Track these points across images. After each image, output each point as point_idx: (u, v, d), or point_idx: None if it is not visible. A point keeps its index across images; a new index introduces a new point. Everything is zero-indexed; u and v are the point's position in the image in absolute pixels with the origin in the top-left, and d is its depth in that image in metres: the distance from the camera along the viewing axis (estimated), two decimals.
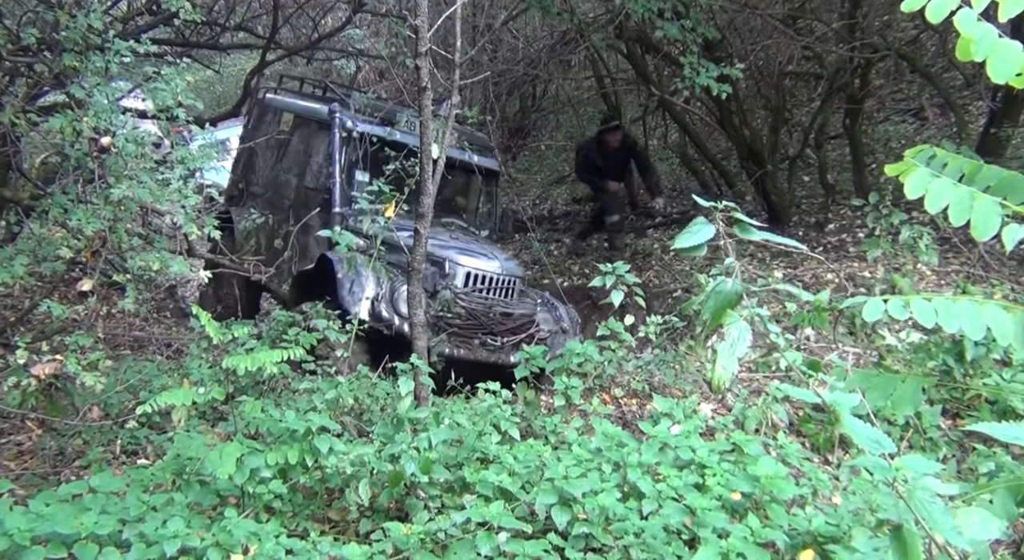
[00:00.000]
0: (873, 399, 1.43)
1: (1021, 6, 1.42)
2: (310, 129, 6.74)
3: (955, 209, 1.37)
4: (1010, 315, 1.31)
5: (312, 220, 6.03)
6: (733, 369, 1.22)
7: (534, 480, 3.12)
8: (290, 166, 6.89)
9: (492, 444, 3.44)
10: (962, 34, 1.35)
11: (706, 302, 1.24)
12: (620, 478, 3.12)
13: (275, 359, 3.07)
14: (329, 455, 3.04)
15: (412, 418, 3.43)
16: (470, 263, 5.72)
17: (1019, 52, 1.35)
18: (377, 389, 4.19)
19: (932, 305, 1.31)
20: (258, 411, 3.19)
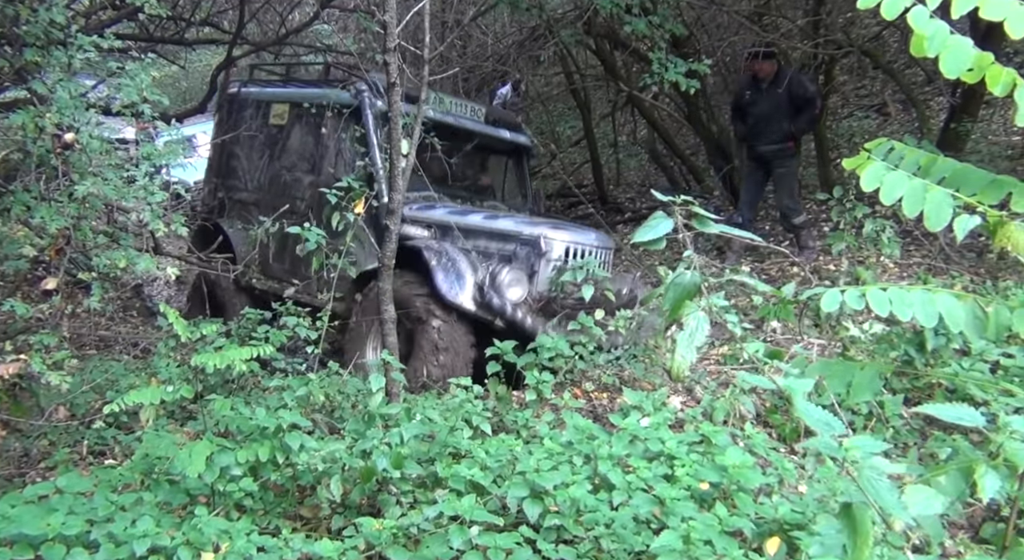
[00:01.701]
0: (833, 386, 1.47)
1: (973, 3, 1.47)
2: (320, 118, 6.09)
3: (908, 201, 1.41)
4: (961, 303, 1.36)
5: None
6: (691, 358, 1.25)
7: (506, 474, 3.14)
8: (295, 162, 6.32)
9: (464, 439, 3.45)
10: (915, 31, 1.40)
11: (665, 294, 1.27)
12: (591, 470, 3.16)
13: (244, 357, 3.05)
14: (300, 452, 3.03)
15: (384, 414, 3.44)
16: (566, 237, 5.26)
17: (970, 48, 1.40)
18: (348, 386, 4.19)
19: (887, 295, 1.35)
20: (228, 409, 3.18)
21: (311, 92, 6.35)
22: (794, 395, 1.15)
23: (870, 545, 0.98)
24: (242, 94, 6.86)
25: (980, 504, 3.03)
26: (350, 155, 5.72)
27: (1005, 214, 1.42)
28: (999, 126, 8.94)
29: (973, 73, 1.42)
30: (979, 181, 1.49)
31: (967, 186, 1.49)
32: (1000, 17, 1.42)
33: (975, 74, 1.42)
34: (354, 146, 5.66)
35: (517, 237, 5.21)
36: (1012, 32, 1.40)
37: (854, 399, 1.46)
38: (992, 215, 1.41)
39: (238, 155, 6.76)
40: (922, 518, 1.08)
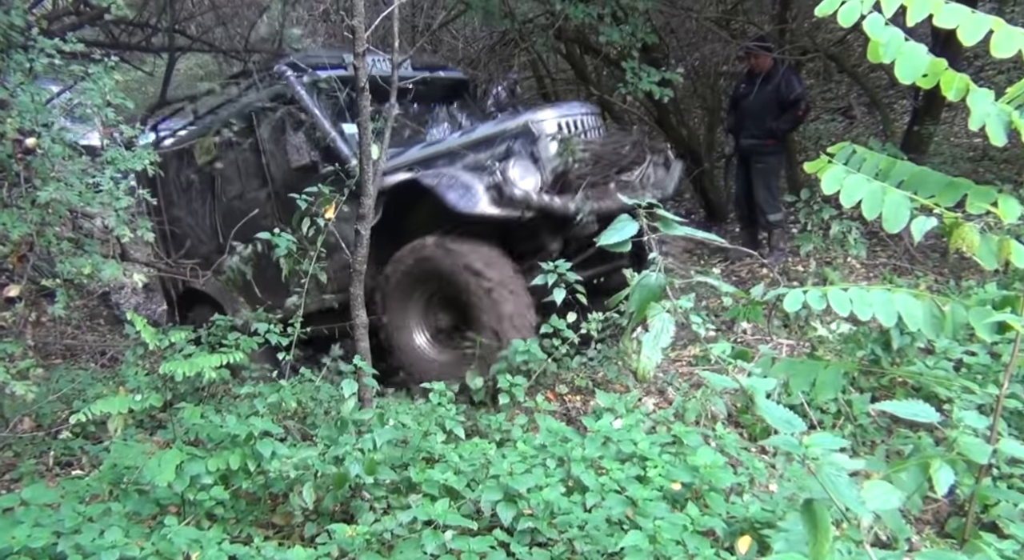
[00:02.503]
0: (797, 385, 1.51)
1: (928, 11, 1.51)
2: (250, 127, 5.88)
3: (868, 202, 1.45)
4: (919, 302, 1.39)
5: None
6: (657, 359, 1.27)
7: (479, 478, 3.15)
8: (244, 185, 6.03)
9: (437, 443, 3.45)
10: (871, 37, 1.43)
11: (632, 295, 1.29)
12: (564, 473, 3.17)
13: (214, 364, 3.03)
14: (272, 459, 3.01)
15: (356, 419, 3.42)
16: (553, 114, 4.99)
17: (923, 55, 1.44)
18: (321, 392, 4.16)
19: (848, 295, 1.38)
20: (198, 417, 3.15)
21: (227, 112, 6.11)
22: (756, 394, 1.17)
23: (830, 540, 1.00)
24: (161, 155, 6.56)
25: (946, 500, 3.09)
26: (300, 138, 5.39)
27: (960, 215, 1.46)
28: (961, 128, 9.13)
29: (927, 78, 1.46)
30: (936, 183, 1.53)
31: (925, 188, 1.53)
32: (953, 24, 1.46)
33: (929, 79, 1.46)
34: (299, 129, 5.39)
35: (503, 134, 4.89)
36: (964, 39, 1.44)
37: (819, 397, 1.49)
38: (948, 217, 1.45)
39: (180, 217, 6.50)
40: (883, 512, 1.11)
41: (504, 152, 4.81)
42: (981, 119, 1.41)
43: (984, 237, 1.41)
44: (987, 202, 1.44)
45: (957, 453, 1.18)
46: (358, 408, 3.49)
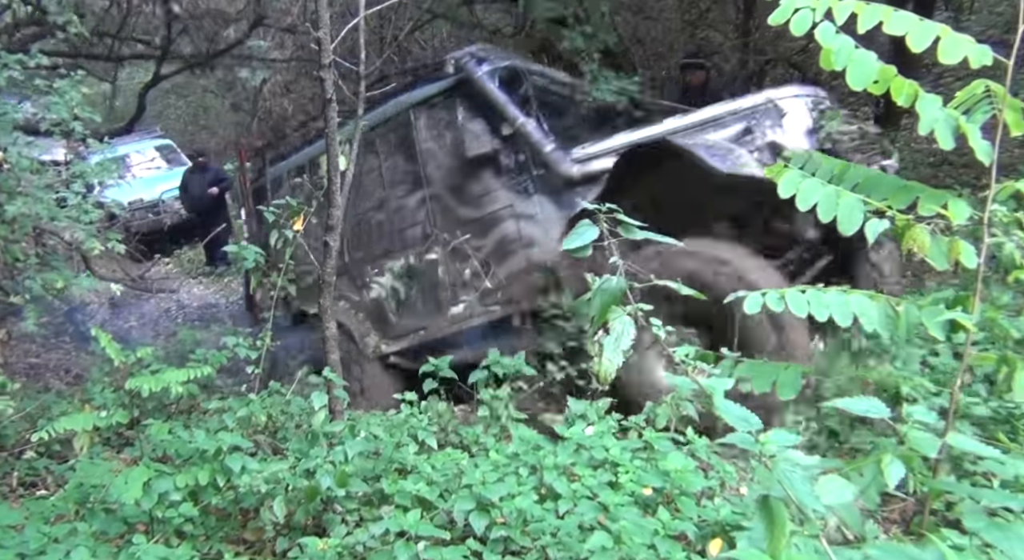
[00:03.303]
0: (758, 385, 1.53)
1: (878, 18, 1.55)
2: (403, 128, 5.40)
3: (823, 206, 1.48)
4: (874, 303, 1.42)
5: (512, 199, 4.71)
6: (618, 362, 1.29)
7: (452, 488, 3.14)
8: (383, 196, 5.49)
9: (410, 454, 3.44)
10: (823, 45, 1.47)
11: (593, 299, 1.31)
12: (537, 480, 3.17)
13: (181, 379, 3.00)
14: (242, 474, 2.98)
15: (327, 432, 3.40)
16: (795, 91, 4.50)
17: (874, 62, 1.48)
18: (291, 405, 4.13)
19: (805, 297, 1.41)
20: (165, 433, 3.11)
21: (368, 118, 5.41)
22: (715, 394, 1.20)
23: (786, 535, 1.02)
24: (267, 178, 6.10)
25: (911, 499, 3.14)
26: (480, 125, 4.86)
27: (912, 218, 1.50)
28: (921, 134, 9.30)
29: (878, 85, 1.50)
30: (889, 187, 1.56)
31: (878, 192, 1.56)
32: (902, 32, 1.51)
33: (880, 86, 1.50)
34: (476, 117, 4.91)
35: (739, 112, 4.34)
36: (912, 46, 1.48)
37: (780, 396, 1.51)
38: (900, 219, 1.49)
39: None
40: (839, 507, 1.13)
41: (744, 130, 4.27)
42: (930, 124, 1.45)
43: (935, 238, 1.45)
44: (938, 205, 1.48)
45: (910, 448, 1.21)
46: (329, 420, 3.47)
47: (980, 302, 1.48)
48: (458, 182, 5.05)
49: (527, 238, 4.74)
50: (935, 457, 1.21)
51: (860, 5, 1.52)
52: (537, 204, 4.70)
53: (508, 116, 4.80)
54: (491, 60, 5.13)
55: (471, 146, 4.83)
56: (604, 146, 4.58)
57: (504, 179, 4.83)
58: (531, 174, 4.72)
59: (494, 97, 4.89)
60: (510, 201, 4.80)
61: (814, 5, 1.50)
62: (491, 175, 4.89)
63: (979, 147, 1.48)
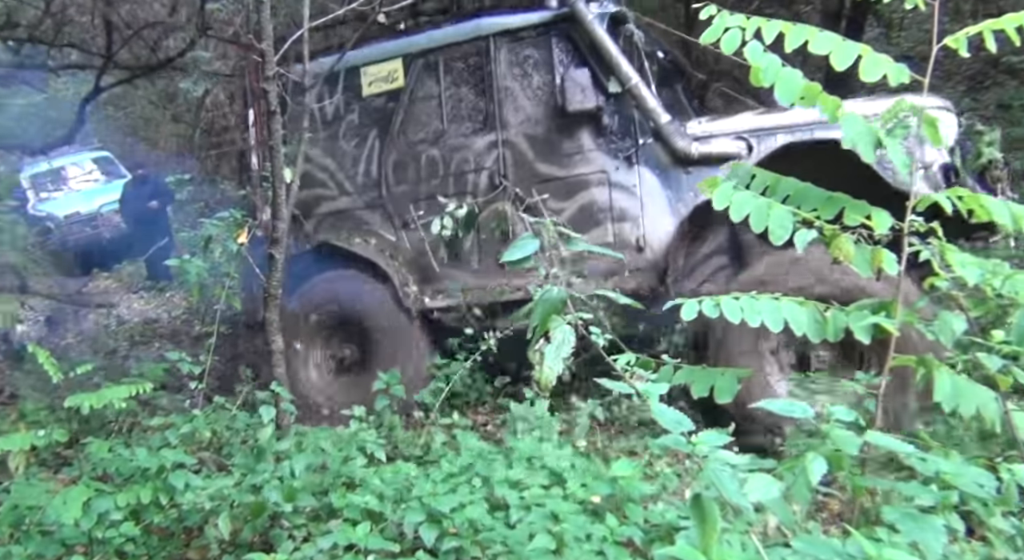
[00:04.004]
0: (698, 390, 1.58)
1: (803, 38, 1.63)
2: (473, 58, 4.75)
3: (755, 217, 1.54)
4: (803, 309, 1.49)
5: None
6: (558, 369, 1.32)
7: (402, 500, 3.13)
8: (441, 130, 4.83)
9: (359, 468, 3.42)
10: (751, 63, 1.54)
11: (535, 309, 1.35)
12: (487, 490, 3.19)
13: (123, 395, 2.93)
14: (185, 491, 2.92)
15: (274, 447, 3.36)
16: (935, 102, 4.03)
17: (800, 78, 1.55)
18: (237, 421, 4.06)
19: (739, 303, 1.47)
20: (105, 451, 3.03)
21: (435, 36, 4.90)
22: (650, 398, 1.24)
23: (717, 531, 1.06)
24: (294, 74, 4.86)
25: None
26: (585, 77, 4.25)
27: (838, 227, 1.57)
28: None
29: (805, 100, 1.57)
30: (817, 198, 1.64)
31: (808, 203, 1.64)
32: (826, 51, 1.59)
33: (807, 101, 1.57)
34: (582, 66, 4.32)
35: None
36: (836, 64, 1.56)
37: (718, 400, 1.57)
38: (828, 229, 1.56)
39: (312, 157, 5.09)
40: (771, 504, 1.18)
41: None
42: (852, 138, 1.53)
43: (859, 247, 1.53)
44: (862, 215, 1.56)
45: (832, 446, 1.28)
46: (276, 435, 3.43)
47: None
48: (543, 133, 4.54)
49: (619, 211, 4.35)
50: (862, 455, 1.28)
51: (787, 26, 1.59)
52: (637, 176, 4.32)
53: (620, 72, 4.28)
54: (600, 0, 4.57)
55: (573, 98, 4.24)
56: (726, 126, 4.24)
57: (602, 141, 4.39)
58: (636, 142, 4.31)
59: (605, 46, 4.32)
60: (604, 166, 4.38)
61: (743, 25, 1.57)
62: (587, 133, 4.43)
63: (899, 161, 1.56)
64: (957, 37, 1.60)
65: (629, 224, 4.34)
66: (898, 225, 1.54)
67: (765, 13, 7.71)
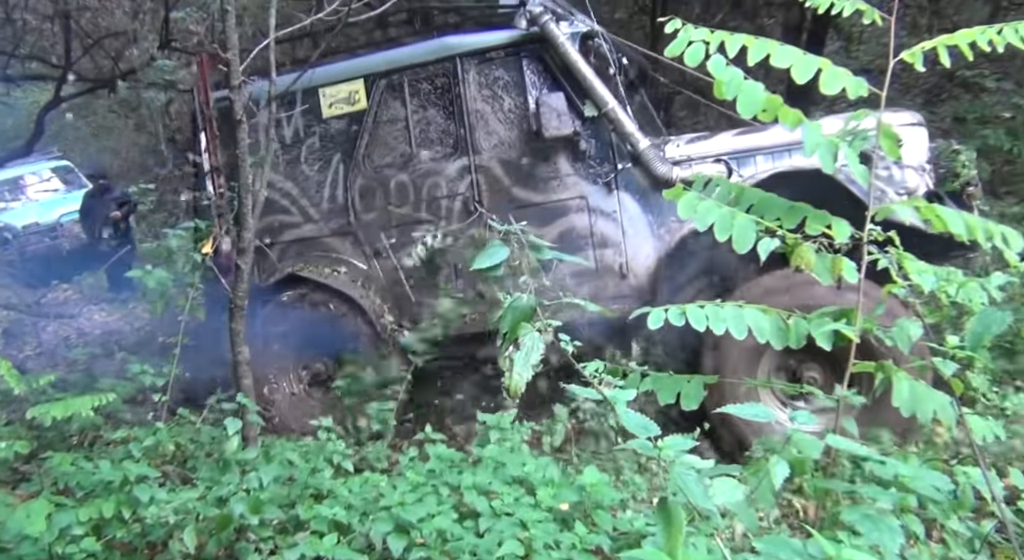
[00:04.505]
0: (664, 397, 1.61)
1: (765, 52, 1.67)
2: (439, 79, 4.62)
3: (719, 226, 1.57)
4: (766, 317, 1.52)
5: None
6: (527, 376, 1.33)
7: (370, 510, 3.12)
8: (408, 153, 4.66)
9: (326, 479, 3.40)
10: (715, 77, 1.57)
11: (504, 316, 1.36)
12: (456, 500, 3.18)
13: (87, 406, 2.88)
14: (149, 505, 2.87)
15: (240, 459, 3.32)
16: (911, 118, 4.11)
17: (761, 92, 1.59)
18: (202, 434, 4.01)
19: (704, 311, 1.49)
20: (67, 465, 2.97)
21: (400, 55, 4.74)
22: (617, 404, 1.26)
23: (683, 534, 1.08)
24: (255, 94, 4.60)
25: None
26: (561, 102, 4.15)
27: (800, 237, 1.61)
28: None
29: (767, 113, 1.61)
30: (780, 208, 1.68)
31: (770, 213, 1.68)
32: (787, 64, 1.63)
33: (768, 114, 1.61)
34: (556, 90, 4.23)
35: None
36: (797, 77, 1.61)
37: (685, 407, 1.59)
38: (790, 238, 1.60)
39: (273, 183, 4.88)
40: (735, 508, 1.21)
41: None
42: (813, 148, 1.57)
43: (820, 255, 1.57)
44: (822, 225, 1.60)
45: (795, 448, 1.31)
46: (241, 447, 3.39)
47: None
48: (518, 158, 4.45)
49: (600, 237, 4.31)
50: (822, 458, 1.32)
51: (750, 39, 1.63)
52: (617, 201, 4.29)
53: (596, 96, 4.21)
54: (570, 19, 4.47)
55: (548, 124, 4.13)
56: (704, 148, 4.24)
57: (580, 166, 4.33)
58: (615, 167, 4.27)
59: (579, 69, 4.23)
60: (583, 192, 4.32)
61: (707, 39, 1.60)
62: (564, 158, 4.36)
63: (858, 171, 1.61)
64: (913, 51, 1.66)
65: (611, 250, 4.32)
66: (858, 234, 1.58)
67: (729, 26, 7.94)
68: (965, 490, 1.57)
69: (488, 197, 4.50)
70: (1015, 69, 8.83)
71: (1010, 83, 8.67)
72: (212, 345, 4.91)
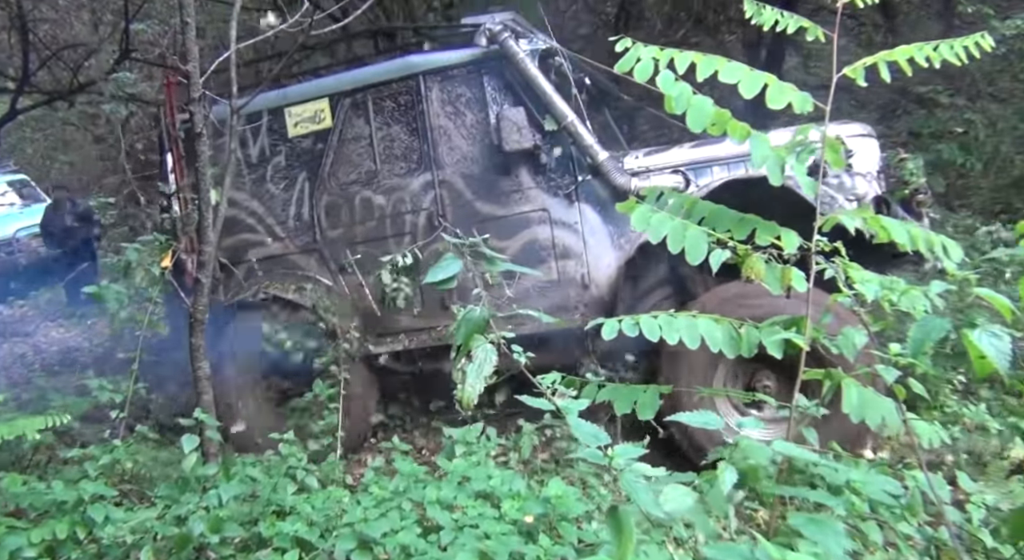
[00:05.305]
0: (620, 407, 1.62)
1: (713, 69, 1.70)
2: (402, 97, 4.71)
3: (672, 238, 1.60)
4: (719, 326, 1.55)
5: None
6: (480, 388, 1.34)
7: (333, 527, 3.09)
8: (374, 169, 4.74)
9: (289, 495, 3.36)
10: (664, 92, 1.60)
11: (457, 328, 1.37)
12: (420, 514, 3.17)
13: (38, 426, 2.82)
14: (105, 525, 2.82)
15: (200, 476, 3.27)
16: (862, 129, 4.26)
17: (710, 106, 1.62)
18: (160, 453, 3.95)
19: (657, 322, 1.51)
20: (19, 485, 2.90)
21: (365, 74, 4.83)
22: (569, 414, 1.27)
23: (633, 541, 1.10)
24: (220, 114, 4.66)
25: None
26: (521, 116, 4.23)
27: (750, 248, 1.64)
28: None
29: (716, 126, 1.64)
30: (731, 219, 1.71)
31: (721, 224, 1.71)
32: (734, 80, 1.67)
33: (717, 127, 1.64)
34: (505, 107, 4.35)
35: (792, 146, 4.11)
36: (744, 92, 1.64)
37: (641, 417, 1.61)
38: (740, 249, 1.63)
39: (238, 201, 4.93)
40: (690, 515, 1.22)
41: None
42: (760, 160, 1.61)
43: (769, 266, 1.60)
44: (772, 236, 1.64)
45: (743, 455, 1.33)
46: (201, 463, 3.34)
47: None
48: (480, 172, 4.55)
49: (562, 248, 4.40)
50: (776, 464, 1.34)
51: (698, 56, 1.67)
52: (578, 213, 4.38)
53: (555, 110, 4.31)
54: (530, 37, 4.58)
55: (509, 138, 4.22)
56: (662, 160, 4.35)
57: (541, 179, 4.43)
58: (575, 179, 4.37)
59: (538, 84, 4.33)
60: (545, 204, 4.42)
61: (657, 56, 1.63)
62: (525, 171, 4.46)
63: (805, 183, 1.65)
64: (855, 67, 1.71)
65: (573, 261, 4.39)
66: (806, 245, 1.62)
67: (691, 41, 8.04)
68: (914, 494, 1.61)
69: (452, 211, 4.58)
70: (966, 85, 9.10)
71: (962, 99, 8.92)
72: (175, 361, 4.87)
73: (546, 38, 4.70)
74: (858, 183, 3.99)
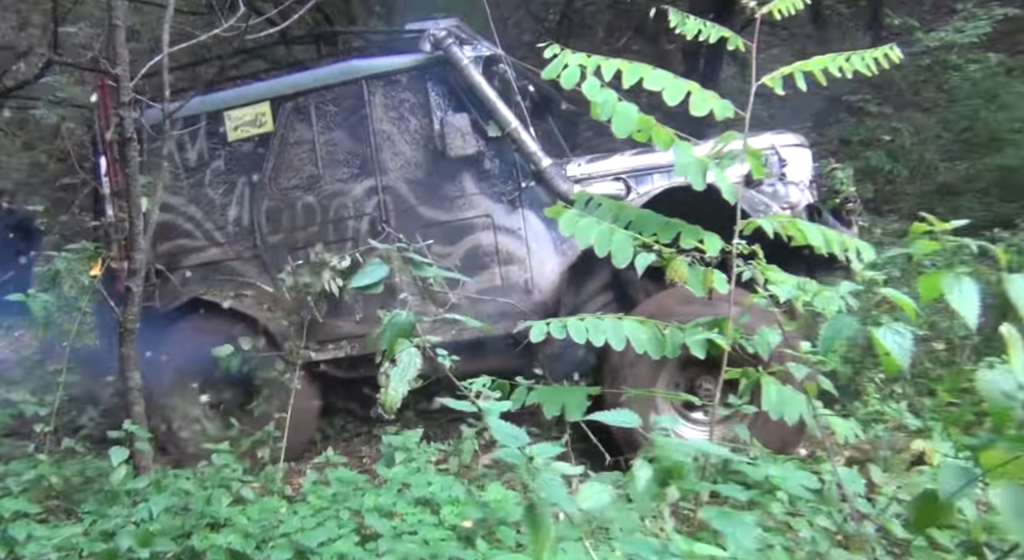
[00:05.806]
0: (549, 409, 1.64)
1: (638, 76, 1.74)
2: (345, 101, 4.66)
3: (598, 242, 1.63)
4: (644, 328, 1.58)
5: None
6: (403, 392, 1.34)
7: (269, 538, 3.03)
8: (317, 175, 4.68)
9: (223, 507, 3.29)
10: (590, 99, 1.63)
11: (383, 332, 1.37)
12: (358, 522, 3.14)
13: None
14: (27, 543, 2.72)
15: (130, 489, 3.19)
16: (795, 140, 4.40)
17: (635, 113, 1.66)
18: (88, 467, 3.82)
19: (583, 324, 1.54)
20: None
21: (306, 78, 4.79)
22: (489, 416, 1.28)
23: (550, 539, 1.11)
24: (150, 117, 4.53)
25: None
26: (465, 122, 4.25)
27: (675, 251, 1.68)
28: None
29: (641, 133, 1.68)
30: (656, 224, 1.75)
31: (647, 228, 1.74)
32: (659, 88, 1.71)
33: (643, 134, 1.68)
34: (460, 111, 4.33)
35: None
36: (668, 100, 1.69)
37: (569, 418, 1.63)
38: (665, 252, 1.67)
39: (174, 206, 4.83)
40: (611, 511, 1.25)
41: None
42: (684, 167, 1.65)
43: (692, 268, 1.64)
44: (696, 239, 1.68)
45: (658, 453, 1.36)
46: (131, 476, 3.25)
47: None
48: (424, 177, 4.53)
49: (506, 254, 4.42)
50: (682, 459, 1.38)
51: (624, 63, 1.70)
52: (522, 218, 4.41)
53: (499, 116, 4.34)
54: (474, 43, 4.61)
55: (453, 144, 4.25)
56: (603, 167, 4.43)
57: (485, 185, 4.45)
58: (519, 185, 4.39)
59: (482, 90, 4.36)
60: (488, 210, 4.43)
61: (584, 63, 1.66)
62: (469, 177, 4.47)
63: (726, 188, 1.69)
64: (773, 76, 1.77)
65: (516, 267, 4.41)
66: (727, 247, 1.66)
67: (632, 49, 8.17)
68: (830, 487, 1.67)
69: (395, 217, 4.55)
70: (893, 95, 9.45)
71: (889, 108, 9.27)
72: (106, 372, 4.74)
73: (490, 45, 4.73)
74: (791, 191, 4.13)
